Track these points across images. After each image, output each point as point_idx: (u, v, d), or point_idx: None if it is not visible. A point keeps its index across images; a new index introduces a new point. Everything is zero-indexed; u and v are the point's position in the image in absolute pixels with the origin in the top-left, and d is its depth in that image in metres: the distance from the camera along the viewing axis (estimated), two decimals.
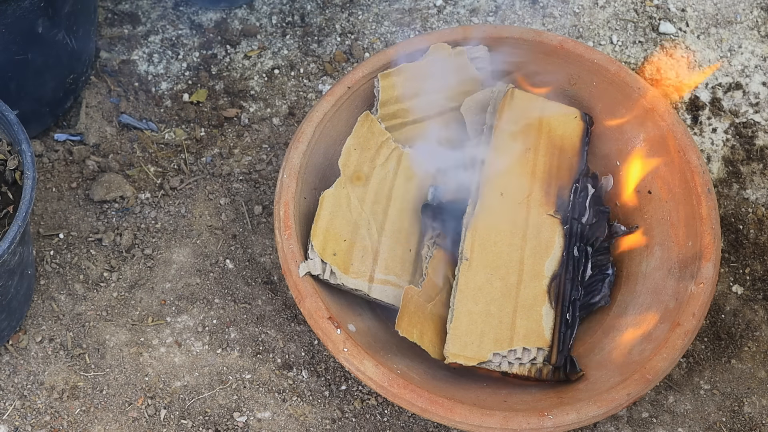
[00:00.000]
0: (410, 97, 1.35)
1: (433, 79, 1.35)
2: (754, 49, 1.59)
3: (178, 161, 1.46)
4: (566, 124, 1.34)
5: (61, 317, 1.33)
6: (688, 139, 1.29)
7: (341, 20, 1.58)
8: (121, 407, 1.29)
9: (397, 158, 1.32)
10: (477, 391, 1.22)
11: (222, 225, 1.42)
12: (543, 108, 1.34)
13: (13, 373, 1.29)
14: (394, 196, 1.30)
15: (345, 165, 1.29)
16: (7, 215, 1.19)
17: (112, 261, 1.38)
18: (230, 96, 1.51)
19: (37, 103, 1.39)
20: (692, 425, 1.31)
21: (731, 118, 1.53)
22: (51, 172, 1.43)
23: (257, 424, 1.28)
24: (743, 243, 1.43)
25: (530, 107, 1.34)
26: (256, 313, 1.36)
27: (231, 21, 1.57)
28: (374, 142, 1.31)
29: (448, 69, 1.35)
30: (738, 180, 1.48)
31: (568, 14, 1.61)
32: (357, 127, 1.31)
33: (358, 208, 1.27)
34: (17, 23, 1.23)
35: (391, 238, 1.28)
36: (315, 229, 1.24)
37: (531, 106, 1.34)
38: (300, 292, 1.19)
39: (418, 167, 1.32)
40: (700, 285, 1.22)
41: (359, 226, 1.27)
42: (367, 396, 1.31)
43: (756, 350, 1.36)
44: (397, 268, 1.27)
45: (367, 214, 1.28)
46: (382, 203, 1.29)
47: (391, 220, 1.29)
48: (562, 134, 1.34)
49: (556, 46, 1.34)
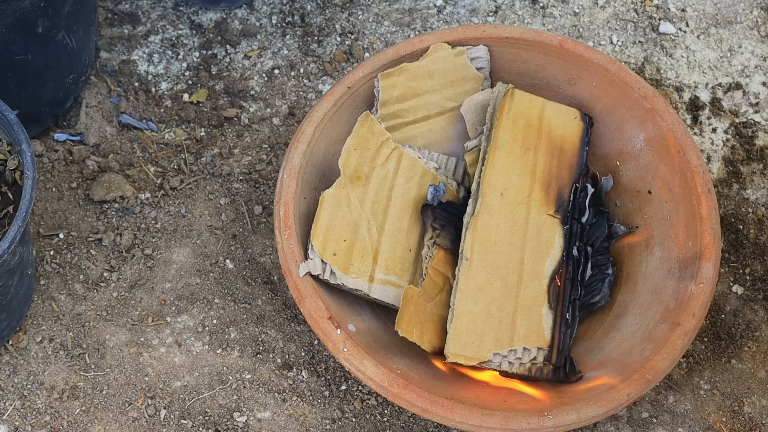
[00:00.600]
0: (410, 97, 1.34)
1: (433, 79, 1.35)
2: (754, 49, 1.59)
3: (178, 161, 1.46)
4: (566, 125, 1.34)
5: (61, 317, 1.33)
6: (688, 139, 1.29)
7: (341, 20, 1.58)
8: (121, 407, 1.29)
9: (397, 158, 1.32)
10: (477, 391, 1.22)
11: (222, 225, 1.42)
12: (543, 108, 1.34)
13: (13, 373, 1.29)
14: (394, 196, 1.30)
15: (345, 165, 1.29)
16: (7, 215, 1.19)
17: (112, 261, 1.38)
18: (230, 96, 1.51)
19: (37, 103, 1.39)
20: (692, 425, 1.31)
21: (731, 118, 1.53)
22: (51, 172, 1.43)
23: (257, 424, 1.28)
24: (743, 243, 1.43)
25: (530, 107, 1.34)
26: (256, 313, 1.36)
27: (231, 21, 1.57)
28: (374, 142, 1.31)
29: (448, 69, 1.35)
30: (738, 180, 1.48)
31: (568, 14, 1.61)
32: (357, 127, 1.31)
33: (358, 208, 1.27)
34: (17, 23, 1.23)
35: (391, 238, 1.28)
36: (315, 229, 1.24)
37: (531, 106, 1.34)
38: (300, 292, 1.19)
39: (418, 166, 1.32)
40: (700, 285, 1.22)
41: (359, 226, 1.27)
42: (367, 396, 1.31)
43: (756, 350, 1.36)
44: (397, 268, 1.27)
45: (367, 214, 1.28)
46: (382, 203, 1.29)
47: (391, 220, 1.29)
48: (562, 134, 1.34)
49: (556, 46, 1.34)
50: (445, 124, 1.37)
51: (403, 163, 1.32)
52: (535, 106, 1.34)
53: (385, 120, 1.33)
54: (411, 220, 1.30)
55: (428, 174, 1.32)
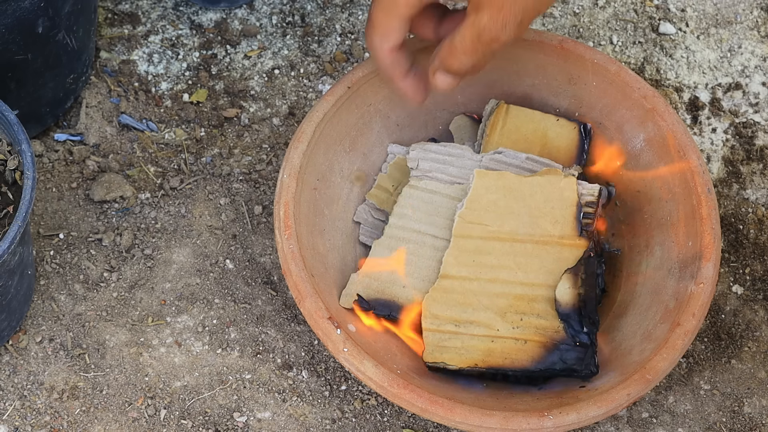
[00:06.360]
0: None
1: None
2: (754, 49, 1.59)
3: (178, 161, 1.46)
4: (562, 137, 1.33)
5: (61, 317, 1.33)
6: (688, 139, 1.29)
7: (341, 20, 1.58)
8: (121, 407, 1.29)
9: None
10: (477, 391, 1.22)
11: (222, 225, 1.42)
12: (539, 121, 1.34)
13: (13, 373, 1.29)
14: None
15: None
16: (7, 215, 1.19)
17: (112, 261, 1.38)
18: (230, 96, 1.51)
19: (37, 103, 1.39)
20: (692, 425, 1.31)
21: (731, 118, 1.53)
22: (51, 172, 1.43)
23: (257, 424, 1.28)
24: (743, 243, 1.43)
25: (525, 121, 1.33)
26: (256, 313, 1.36)
27: (231, 21, 1.57)
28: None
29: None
30: (738, 180, 1.48)
31: (568, 14, 1.61)
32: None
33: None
34: (17, 23, 1.23)
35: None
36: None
37: (526, 120, 1.33)
38: (300, 292, 1.19)
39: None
40: (700, 285, 1.22)
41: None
42: (367, 396, 1.31)
43: (756, 350, 1.36)
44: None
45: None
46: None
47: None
48: (558, 146, 1.33)
49: (556, 46, 1.34)
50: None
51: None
52: (531, 119, 1.34)
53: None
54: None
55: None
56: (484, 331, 1.21)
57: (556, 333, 1.21)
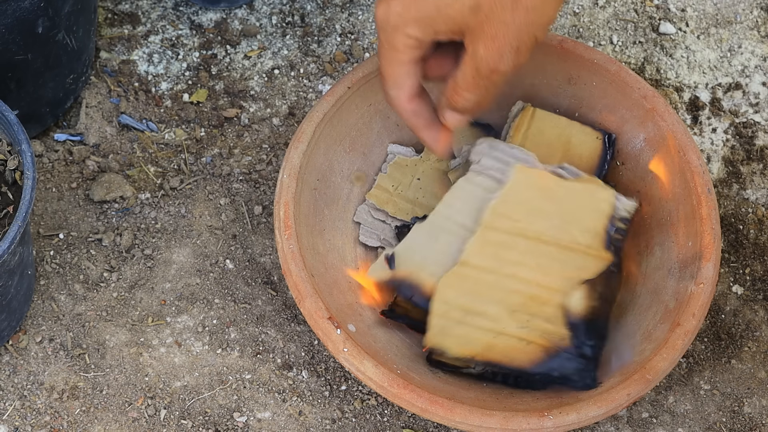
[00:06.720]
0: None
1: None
2: (754, 49, 1.59)
3: (178, 161, 1.46)
4: (585, 145, 1.32)
5: (61, 317, 1.33)
6: (688, 139, 1.29)
7: (341, 20, 1.58)
8: (121, 407, 1.29)
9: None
10: (477, 391, 1.22)
11: (222, 225, 1.42)
12: (564, 127, 1.33)
13: (13, 373, 1.29)
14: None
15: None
16: (7, 215, 1.19)
17: (112, 261, 1.38)
18: (230, 96, 1.52)
19: (37, 103, 1.39)
20: (692, 425, 1.31)
21: (731, 118, 1.53)
22: (51, 173, 1.43)
23: (257, 424, 1.29)
24: (743, 243, 1.43)
25: (550, 126, 1.32)
26: (256, 313, 1.36)
27: (231, 21, 1.57)
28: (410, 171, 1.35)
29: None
30: (738, 180, 1.48)
31: (568, 14, 1.61)
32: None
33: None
34: (17, 23, 1.23)
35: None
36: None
37: (551, 125, 1.32)
38: (300, 292, 1.20)
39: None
40: (700, 285, 1.22)
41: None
42: (367, 396, 1.31)
43: (756, 350, 1.36)
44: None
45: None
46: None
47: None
48: (580, 154, 1.32)
49: (556, 46, 1.34)
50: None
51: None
52: (556, 125, 1.33)
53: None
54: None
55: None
56: (490, 325, 1.20)
57: (561, 340, 1.20)
